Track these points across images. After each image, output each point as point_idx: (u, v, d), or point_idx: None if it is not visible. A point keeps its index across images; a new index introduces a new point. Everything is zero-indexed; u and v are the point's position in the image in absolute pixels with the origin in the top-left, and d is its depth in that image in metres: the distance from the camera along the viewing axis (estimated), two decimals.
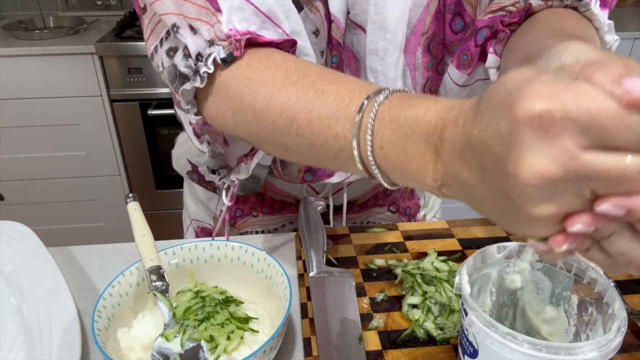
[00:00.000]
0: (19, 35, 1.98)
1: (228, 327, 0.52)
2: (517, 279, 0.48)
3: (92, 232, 2.25)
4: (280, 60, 0.47)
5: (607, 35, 0.53)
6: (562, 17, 0.51)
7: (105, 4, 2.34)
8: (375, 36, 0.61)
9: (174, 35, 0.50)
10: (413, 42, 0.64)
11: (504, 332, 0.37)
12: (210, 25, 0.48)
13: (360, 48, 0.63)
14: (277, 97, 0.45)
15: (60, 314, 0.56)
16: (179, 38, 0.49)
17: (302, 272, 0.64)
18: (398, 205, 0.86)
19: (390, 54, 0.62)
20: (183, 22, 0.49)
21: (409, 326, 0.55)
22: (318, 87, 0.44)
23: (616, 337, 0.37)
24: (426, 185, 0.37)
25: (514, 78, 0.28)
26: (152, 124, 2.01)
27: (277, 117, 0.45)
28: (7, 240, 0.67)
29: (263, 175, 0.71)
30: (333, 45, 0.61)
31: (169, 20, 0.49)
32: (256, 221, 0.82)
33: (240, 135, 0.51)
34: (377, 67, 0.63)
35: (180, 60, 0.50)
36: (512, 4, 0.55)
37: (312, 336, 0.54)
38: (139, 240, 0.57)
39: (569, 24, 0.50)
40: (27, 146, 2.03)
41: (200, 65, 0.48)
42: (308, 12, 0.56)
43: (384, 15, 0.59)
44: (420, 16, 0.62)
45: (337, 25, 0.59)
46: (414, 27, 0.63)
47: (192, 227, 0.89)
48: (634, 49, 2.03)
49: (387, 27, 0.60)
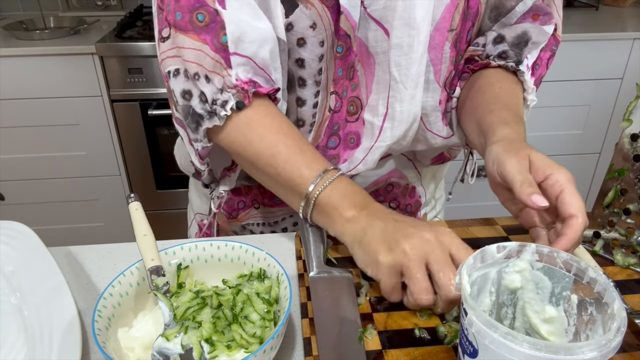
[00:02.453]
0: (20, 35, 1.98)
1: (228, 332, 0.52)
2: (516, 279, 0.48)
3: (92, 232, 2.25)
4: (277, 115, 0.64)
5: (530, 96, 0.74)
6: (502, 80, 0.72)
7: (106, 4, 2.34)
8: (401, 32, 0.66)
9: (193, 81, 0.62)
10: (437, 38, 0.69)
11: (504, 332, 0.38)
12: (221, 76, 0.61)
13: (377, 44, 0.67)
14: (267, 137, 0.63)
15: (60, 314, 0.56)
16: (198, 84, 0.62)
17: (302, 272, 0.64)
18: (399, 202, 0.86)
19: (414, 50, 0.67)
20: (202, 73, 0.61)
21: (409, 326, 0.55)
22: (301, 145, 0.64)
23: (616, 337, 0.37)
24: (334, 220, 0.61)
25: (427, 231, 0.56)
26: (152, 124, 2.01)
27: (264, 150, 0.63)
28: (7, 240, 0.67)
29: None
30: (340, 35, 0.65)
31: (191, 69, 0.62)
32: (258, 213, 0.84)
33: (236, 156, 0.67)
34: (402, 61, 0.68)
35: (198, 103, 0.63)
36: (478, 55, 0.74)
37: (312, 336, 0.54)
38: (140, 240, 0.57)
39: (506, 87, 0.71)
40: (27, 146, 2.03)
41: (218, 110, 0.62)
42: (304, 9, 0.62)
43: (410, 13, 0.64)
44: (444, 13, 0.67)
45: (347, 17, 0.63)
46: (437, 24, 0.68)
47: (195, 220, 0.93)
48: (633, 49, 2.03)
49: (412, 24, 0.65)
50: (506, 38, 0.72)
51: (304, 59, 0.66)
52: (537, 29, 0.71)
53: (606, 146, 2.26)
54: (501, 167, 0.58)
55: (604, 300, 0.42)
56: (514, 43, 0.72)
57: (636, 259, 0.64)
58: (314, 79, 0.68)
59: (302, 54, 0.65)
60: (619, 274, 0.63)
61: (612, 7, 2.40)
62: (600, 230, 0.66)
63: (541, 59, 0.75)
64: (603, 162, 2.29)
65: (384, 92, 0.71)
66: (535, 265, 0.47)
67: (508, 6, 0.72)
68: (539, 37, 0.72)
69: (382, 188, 0.84)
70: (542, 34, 0.72)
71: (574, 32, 1.99)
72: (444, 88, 0.74)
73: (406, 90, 0.70)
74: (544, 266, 0.47)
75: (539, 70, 0.75)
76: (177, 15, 0.60)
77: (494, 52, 0.73)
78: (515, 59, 0.72)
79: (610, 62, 2.06)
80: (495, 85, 0.71)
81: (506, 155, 0.58)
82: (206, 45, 0.60)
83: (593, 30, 2.04)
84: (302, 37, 0.64)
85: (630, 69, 2.08)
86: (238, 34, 0.60)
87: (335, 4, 0.62)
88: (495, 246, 0.47)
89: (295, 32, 0.64)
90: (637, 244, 0.63)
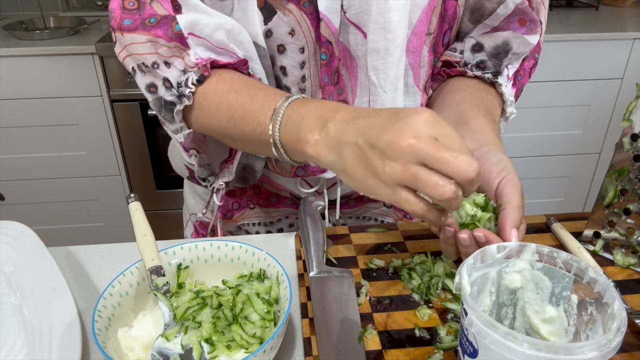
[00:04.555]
0: (20, 35, 1.98)
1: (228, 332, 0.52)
2: (516, 279, 0.48)
3: (92, 232, 2.25)
4: (228, 77, 0.62)
5: (509, 108, 0.72)
6: (481, 91, 0.70)
7: (106, 4, 2.34)
8: (377, 36, 0.64)
9: (153, 71, 0.61)
10: (415, 42, 0.67)
11: (504, 332, 0.38)
12: (180, 58, 0.60)
13: (358, 47, 0.66)
14: (222, 103, 0.60)
15: (60, 314, 0.56)
16: (159, 73, 0.61)
17: (302, 272, 0.64)
18: None
19: (391, 54, 0.66)
20: (160, 60, 0.61)
21: (409, 326, 0.55)
22: (252, 92, 0.59)
23: (616, 337, 0.37)
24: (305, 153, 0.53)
25: (415, 120, 0.47)
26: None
27: (223, 116, 0.61)
28: (7, 240, 0.67)
29: (259, 167, 0.74)
30: (322, 42, 0.64)
31: (148, 60, 0.61)
32: (253, 213, 0.84)
33: (212, 133, 0.65)
34: (379, 65, 0.67)
35: (165, 92, 0.62)
36: (456, 61, 0.72)
37: (312, 336, 0.54)
38: (140, 240, 0.57)
39: (486, 97, 0.69)
40: (27, 146, 2.03)
41: (184, 90, 0.61)
42: (281, 16, 0.62)
43: (385, 16, 0.63)
44: (421, 17, 0.66)
45: (327, 24, 0.63)
46: (415, 28, 0.66)
47: (191, 221, 0.92)
48: (633, 49, 2.03)
49: (388, 28, 0.64)
50: (485, 47, 0.70)
51: (285, 66, 0.66)
52: (520, 39, 0.69)
53: (606, 146, 2.26)
54: None
55: (604, 300, 0.42)
56: (492, 53, 0.70)
57: (636, 259, 0.64)
58: (298, 87, 0.68)
59: (283, 61, 0.65)
60: (619, 274, 0.63)
61: (612, 7, 2.40)
62: (600, 230, 0.66)
63: (524, 68, 0.73)
64: (603, 162, 2.29)
65: (365, 96, 0.70)
66: (536, 265, 0.47)
67: (489, 8, 0.69)
68: (520, 48, 0.69)
69: None
70: (524, 44, 0.69)
71: (574, 32, 1.99)
72: (424, 91, 0.73)
73: (386, 94, 0.69)
74: (544, 266, 0.47)
75: (522, 81, 0.73)
76: (126, 22, 0.60)
77: (472, 60, 0.71)
78: (494, 69, 0.70)
79: (610, 62, 2.06)
80: (476, 94, 0.69)
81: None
82: (159, 38, 0.59)
83: (593, 30, 2.04)
84: (281, 44, 0.64)
85: (630, 69, 2.08)
86: (190, 20, 0.59)
87: (314, 11, 0.62)
88: (496, 246, 0.47)
89: (275, 38, 0.64)
90: (637, 244, 0.63)
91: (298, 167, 0.73)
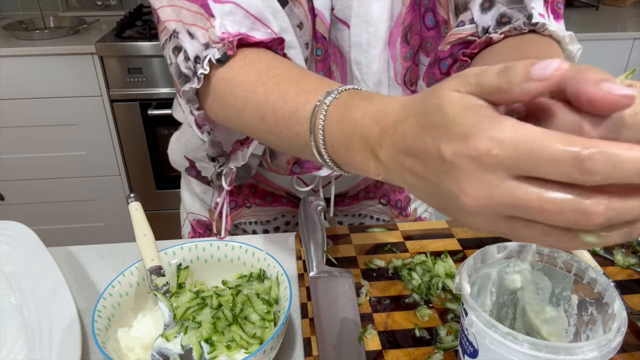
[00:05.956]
0: (19, 35, 1.98)
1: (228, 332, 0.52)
2: (517, 279, 0.48)
3: (92, 232, 2.25)
4: (255, 61, 0.52)
5: (570, 46, 0.57)
6: (522, 44, 0.54)
7: (106, 4, 2.34)
8: (359, 29, 0.63)
9: (176, 39, 0.55)
10: (395, 35, 0.66)
11: (504, 332, 0.37)
12: (205, 29, 0.53)
13: (345, 43, 0.66)
14: (250, 98, 0.50)
15: (60, 314, 0.56)
16: (180, 42, 0.55)
17: (302, 272, 0.64)
18: (389, 197, 0.87)
19: (373, 47, 0.64)
20: (182, 28, 0.54)
21: (409, 326, 0.55)
22: (282, 88, 0.48)
23: (616, 337, 0.37)
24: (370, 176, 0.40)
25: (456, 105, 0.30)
26: (152, 124, 2.01)
27: (252, 116, 0.51)
28: (7, 240, 0.67)
29: (254, 164, 0.73)
30: (318, 38, 0.63)
31: (170, 26, 0.55)
32: (250, 212, 0.84)
33: (232, 128, 0.57)
34: (362, 59, 0.65)
35: (182, 61, 0.55)
36: (471, 34, 0.58)
37: (312, 336, 0.54)
38: (140, 240, 0.57)
39: (530, 48, 0.53)
40: (27, 146, 2.03)
41: (198, 67, 0.53)
42: (293, 7, 0.60)
43: (366, 9, 0.62)
44: (402, 9, 0.64)
45: (322, 20, 0.62)
46: (396, 20, 0.65)
47: (188, 220, 0.92)
48: (633, 49, 2.03)
49: (370, 21, 0.63)
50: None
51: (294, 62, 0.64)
52: None
53: None
54: None
55: (604, 300, 0.42)
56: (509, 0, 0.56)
57: (636, 259, 0.64)
58: None
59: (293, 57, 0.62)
60: (619, 274, 0.63)
61: (612, 7, 2.40)
62: None
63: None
64: None
65: None
66: (536, 265, 0.47)
67: None
68: None
69: (372, 185, 0.84)
70: None
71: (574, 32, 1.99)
72: (404, 85, 0.70)
73: (369, 89, 0.66)
74: (544, 266, 0.47)
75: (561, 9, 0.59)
76: None
77: (490, 21, 0.57)
78: (522, 15, 0.55)
79: (610, 62, 2.06)
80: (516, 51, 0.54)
81: None
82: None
83: (593, 30, 2.04)
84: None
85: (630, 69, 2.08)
86: None
87: (312, 7, 0.61)
88: (496, 246, 0.47)
89: None
90: (637, 244, 0.63)
91: (294, 164, 0.72)
